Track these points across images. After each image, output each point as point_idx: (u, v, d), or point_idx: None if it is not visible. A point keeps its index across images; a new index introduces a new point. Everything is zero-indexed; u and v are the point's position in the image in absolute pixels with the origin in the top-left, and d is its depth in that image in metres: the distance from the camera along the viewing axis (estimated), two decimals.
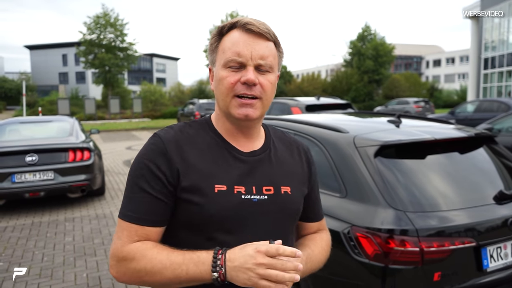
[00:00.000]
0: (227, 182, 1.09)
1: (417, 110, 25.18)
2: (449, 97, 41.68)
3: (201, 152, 1.11)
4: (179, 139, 1.12)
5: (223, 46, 1.10)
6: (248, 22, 1.08)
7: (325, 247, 1.31)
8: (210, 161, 1.10)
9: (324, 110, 8.57)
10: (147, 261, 1.01)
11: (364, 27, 40.40)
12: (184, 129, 1.15)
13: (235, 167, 1.12)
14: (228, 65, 1.08)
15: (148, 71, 68.88)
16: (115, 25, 33.04)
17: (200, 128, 1.17)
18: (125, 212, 1.08)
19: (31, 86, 48.24)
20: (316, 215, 1.35)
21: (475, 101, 14.94)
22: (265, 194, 1.13)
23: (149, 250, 1.03)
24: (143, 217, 1.06)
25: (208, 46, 1.18)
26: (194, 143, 1.12)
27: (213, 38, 1.14)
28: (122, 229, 1.07)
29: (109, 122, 27.12)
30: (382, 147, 2.40)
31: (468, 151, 2.68)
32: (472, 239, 2.11)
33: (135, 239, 1.05)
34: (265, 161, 1.17)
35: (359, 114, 3.99)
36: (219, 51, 1.11)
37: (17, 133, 7.04)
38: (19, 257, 4.46)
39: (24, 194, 5.99)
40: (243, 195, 1.10)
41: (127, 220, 1.06)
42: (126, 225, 1.06)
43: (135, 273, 1.03)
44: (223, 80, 1.08)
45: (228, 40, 1.09)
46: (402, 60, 67.34)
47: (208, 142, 1.14)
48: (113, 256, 1.06)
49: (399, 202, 2.17)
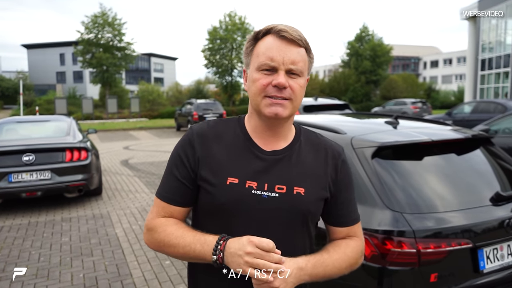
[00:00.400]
0: (240, 176, 1.19)
1: (415, 111, 25.23)
2: (447, 98, 41.78)
3: (224, 146, 1.23)
4: (208, 132, 1.25)
5: (257, 50, 1.19)
6: (282, 29, 1.15)
7: (349, 254, 1.28)
8: (229, 155, 1.22)
9: (321, 110, 8.59)
10: (166, 235, 1.20)
11: (362, 28, 40.44)
12: (216, 124, 1.29)
13: (252, 164, 1.20)
14: (261, 68, 1.16)
15: (146, 70, 68.79)
16: (113, 24, 33.00)
17: (231, 124, 1.29)
18: (159, 190, 1.27)
19: (28, 85, 48.06)
20: (344, 220, 1.32)
21: (472, 102, 14.99)
22: (276, 192, 1.19)
23: (170, 226, 1.21)
24: (169, 196, 1.24)
25: (243, 49, 1.27)
26: (219, 137, 1.25)
27: (248, 42, 1.23)
28: (154, 204, 1.28)
29: (107, 121, 27.05)
30: (380, 148, 2.41)
31: (465, 152, 2.69)
32: (468, 240, 2.12)
33: (162, 214, 1.25)
34: (284, 161, 1.23)
35: (357, 115, 3.99)
36: (253, 55, 1.20)
37: (14, 132, 7.02)
38: (15, 257, 4.44)
39: (21, 194, 5.97)
40: (253, 190, 1.17)
41: (158, 197, 1.26)
42: (157, 202, 1.26)
43: (156, 242, 1.23)
44: (256, 82, 1.17)
45: (262, 45, 1.18)
46: (400, 61, 67.48)
47: (232, 138, 1.25)
48: (145, 225, 1.28)
49: (396, 204, 2.17)
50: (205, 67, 36.42)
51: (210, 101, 20.94)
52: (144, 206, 6.55)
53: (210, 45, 35.29)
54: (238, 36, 35.26)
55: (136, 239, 4.95)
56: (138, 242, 4.84)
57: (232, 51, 35.50)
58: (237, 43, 35.30)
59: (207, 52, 35.51)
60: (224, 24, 35.39)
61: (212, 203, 1.20)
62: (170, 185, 1.25)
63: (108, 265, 4.21)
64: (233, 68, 35.91)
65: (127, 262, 4.27)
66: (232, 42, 34.91)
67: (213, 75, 37.62)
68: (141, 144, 15.93)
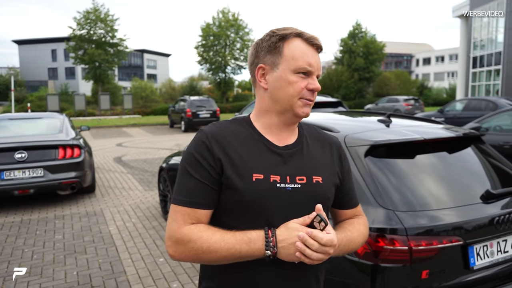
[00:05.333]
0: (263, 171, 1.22)
1: (407, 108, 25.39)
2: (439, 95, 42.09)
3: (239, 144, 1.25)
4: (220, 133, 1.25)
5: (291, 52, 1.23)
6: (312, 36, 1.26)
7: (363, 230, 1.43)
8: (247, 153, 1.24)
9: (315, 108, 8.60)
10: (203, 241, 1.15)
11: (355, 25, 40.57)
12: (225, 125, 1.30)
13: (270, 159, 1.25)
14: (298, 71, 1.23)
15: (138, 67, 68.44)
16: (105, 20, 32.76)
17: (240, 124, 1.31)
18: (178, 198, 1.22)
19: (19, 81, 47.62)
20: (351, 203, 1.47)
21: (464, 99, 15.11)
22: (298, 183, 1.25)
23: (204, 232, 1.17)
24: (194, 200, 1.20)
25: (263, 45, 1.27)
26: (233, 136, 1.26)
27: (273, 40, 1.25)
28: (176, 212, 1.21)
29: (99, 118, 26.89)
30: (372, 147, 2.44)
31: (457, 150, 2.73)
32: (459, 238, 2.15)
33: (189, 221, 1.20)
34: (298, 154, 1.30)
35: (350, 113, 4.02)
36: (285, 56, 1.24)
37: (6, 129, 6.96)
38: (8, 255, 4.43)
39: (13, 192, 5.93)
40: (278, 183, 1.22)
41: (180, 204, 1.20)
42: (180, 209, 1.20)
43: (192, 252, 1.17)
44: (294, 84, 1.23)
45: (296, 48, 1.24)
46: (393, 58, 67.79)
47: (246, 136, 1.27)
48: (170, 237, 1.20)
49: (389, 202, 2.20)
50: (199, 64, 36.34)
51: (204, 98, 20.88)
52: (138, 203, 6.55)
53: (203, 41, 35.21)
54: (232, 33, 35.22)
55: (129, 237, 4.95)
56: (132, 240, 4.84)
57: (226, 47, 35.44)
58: (230, 40, 35.25)
59: (200, 48, 35.43)
60: (217, 21, 35.31)
61: (240, 200, 1.20)
62: (192, 189, 1.21)
63: (102, 262, 4.21)
64: (227, 65, 35.86)
65: (121, 259, 4.27)
66: (225, 38, 34.84)
67: (206, 71, 37.56)
68: (134, 141, 15.86)
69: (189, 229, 1.18)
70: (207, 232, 1.17)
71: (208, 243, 1.15)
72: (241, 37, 35.63)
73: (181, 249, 1.18)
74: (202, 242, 1.15)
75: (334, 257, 1.25)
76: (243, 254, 1.15)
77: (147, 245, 4.69)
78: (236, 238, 1.15)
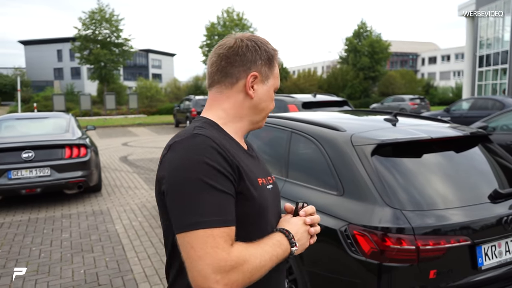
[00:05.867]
0: (259, 175, 1.22)
1: (413, 107, 25.27)
2: (445, 95, 41.83)
3: (234, 149, 1.16)
4: (220, 138, 1.12)
5: (276, 71, 1.29)
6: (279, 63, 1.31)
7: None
8: (242, 158, 1.18)
9: (320, 107, 8.59)
10: (255, 258, 1.04)
11: (360, 24, 40.39)
12: (210, 129, 1.16)
13: (253, 162, 1.25)
14: (275, 90, 1.30)
15: (143, 67, 68.62)
16: (110, 20, 32.87)
17: (214, 129, 1.18)
18: (209, 219, 0.98)
19: (25, 81, 47.94)
20: None
21: (470, 99, 15.03)
22: (271, 183, 1.28)
23: (249, 249, 1.04)
24: (229, 217, 1.02)
25: (263, 54, 1.23)
26: (227, 142, 1.15)
27: (272, 52, 1.26)
28: (212, 237, 0.97)
29: (105, 118, 27.00)
30: (379, 146, 2.43)
31: (464, 150, 2.72)
32: (467, 238, 2.15)
33: (230, 242, 1.01)
34: (255, 156, 1.31)
35: (356, 112, 4.01)
36: (275, 73, 1.28)
37: (13, 129, 7.01)
38: (16, 254, 4.46)
39: (20, 191, 5.98)
40: (267, 185, 1.24)
41: (217, 226, 0.99)
42: (218, 232, 0.98)
43: (247, 274, 1.01)
44: (273, 102, 1.30)
45: (277, 68, 1.29)
46: (398, 57, 67.49)
47: (229, 141, 1.18)
48: (219, 269, 0.96)
49: (396, 201, 2.20)
50: (203, 63, 36.38)
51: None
52: (144, 202, 6.57)
53: (208, 41, 35.26)
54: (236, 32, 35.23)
55: (136, 235, 4.97)
56: (138, 238, 4.86)
57: None
58: None
59: (205, 48, 35.47)
60: (222, 20, 35.34)
61: (253, 208, 1.12)
62: (223, 205, 1.02)
63: (108, 261, 4.23)
64: None
65: (127, 258, 4.30)
66: None
67: None
68: (140, 140, 15.92)
69: (237, 250, 1.01)
70: (249, 248, 1.04)
71: (259, 259, 1.04)
72: None
73: (235, 277, 0.98)
74: (254, 260, 1.03)
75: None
76: (279, 257, 1.12)
77: (153, 243, 4.70)
78: (269, 245, 1.10)
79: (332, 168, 2.55)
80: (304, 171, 2.92)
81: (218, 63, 1.21)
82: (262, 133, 3.69)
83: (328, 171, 2.58)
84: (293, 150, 3.05)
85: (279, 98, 9.60)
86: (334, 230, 2.31)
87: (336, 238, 2.30)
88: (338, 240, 2.28)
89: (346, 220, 2.28)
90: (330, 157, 2.59)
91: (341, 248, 2.26)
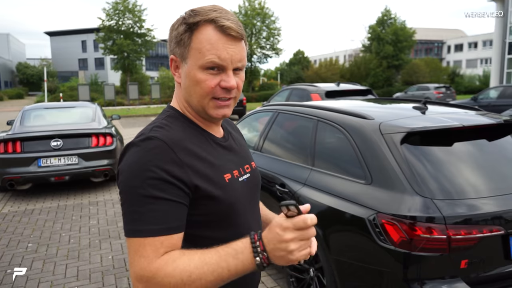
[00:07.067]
0: (228, 169, 1.13)
1: (438, 96, 24.70)
2: (471, 83, 40.70)
3: (196, 146, 1.08)
4: (176, 137, 1.05)
5: (198, 44, 1.05)
6: (226, 25, 1.04)
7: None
8: (207, 153, 1.10)
9: (344, 96, 8.49)
10: (181, 271, 0.93)
11: (384, 11, 39.56)
12: (170, 125, 1.09)
13: (223, 153, 1.16)
14: (206, 67, 1.05)
15: (165, 57, 69.03)
16: (133, 11, 33.19)
17: (179, 121, 1.12)
18: (142, 228, 0.95)
19: (51, 72, 49.05)
20: None
21: (499, 87, 14.57)
22: (247, 172, 1.21)
23: (179, 260, 0.95)
24: (169, 225, 0.97)
25: (172, 34, 1.11)
26: (187, 138, 1.08)
27: (180, 28, 1.07)
28: (143, 246, 0.95)
29: (128, 107, 27.41)
30: (409, 134, 2.39)
31: (496, 138, 2.64)
32: (500, 227, 2.10)
33: (161, 251, 0.95)
34: (233, 143, 1.24)
35: (383, 100, 3.95)
36: (192, 48, 1.06)
37: (42, 118, 7.19)
38: (47, 239, 4.61)
39: (49, 178, 6.15)
40: (240, 177, 1.16)
41: (150, 235, 0.95)
42: (149, 241, 0.95)
43: (168, 287, 0.93)
44: (202, 84, 1.06)
45: (204, 39, 1.04)
46: (423, 45, 65.87)
47: (194, 134, 1.11)
48: (139, 277, 0.94)
49: (426, 190, 2.16)
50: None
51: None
52: None
53: None
54: (258, 22, 35.01)
55: None
56: None
57: (252, 36, 35.29)
58: (257, 29, 35.09)
59: None
60: (244, 9, 35.15)
61: (218, 206, 1.06)
62: (161, 213, 0.96)
63: None
64: (253, 54, 35.76)
65: None
66: (251, 27, 34.70)
67: None
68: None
69: (161, 261, 0.94)
70: (182, 258, 0.95)
71: (188, 272, 0.93)
72: (267, 25, 35.40)
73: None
74: (180, 273, 0.93)
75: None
76: (232, 271, 0.95)
77: None
78: (220, 254, 0.95)
79: (360, 157, 2.52)
80: (330, 160, 2.89)
81: None
82: (287, 122, 3.67)
83: (355, 160, 2.55)
84: (319, 138, 3.03)
85: (302, 87, 9.54)
86: (362, 218, 2.29)
87: (364, 227, 2.28)
88: (366, 228, 2.27)
89: (374, 208, 2.26)
90: (358, 146, 2.56)
91: (369, 237, 2.25)
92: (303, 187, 2.88)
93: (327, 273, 2.59)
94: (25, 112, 7.17)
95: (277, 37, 35.92)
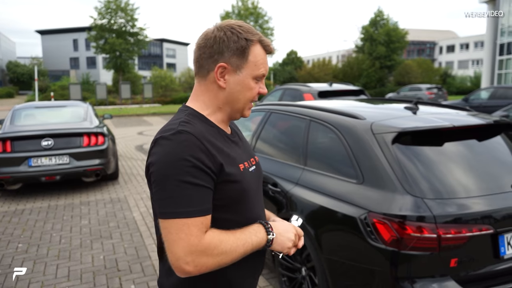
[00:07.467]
0: (241, 160, 1.31)
1: (430, 96, 24.88)
2: (463, 84, 41.05)
3: (215, 139, 1.25)
4: (201, 131, 1.21)
5: (254, 58, 1.26)
6: (269, 44, 1.30)
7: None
8: (224, 146, 1.27)
9: (337, 96, 8.52)
10: (225, 244, 1.16)
11: (377, 12, 39.77)
12: (193, 121, 1.25)
13: (235, 147, 1.34)
14: (257, 78, 1.29)
15: (158, 56, 68.85)
16: (125, 10, 32.98)
17: (197, 119, 1.28)
18: (187, 210, 1.12)
19: (42, 71, 48.57)
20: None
21: (490, 88, 14.71)
22: (253, 164, 1.39)
23: (220, 235, 1.17)
24: (205, 207, 1.15)
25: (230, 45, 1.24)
26: (208, 132, 1.24)
27: (242, 42, 1.24)
28: (187, 226, 1.11)
29: (120, 107, 27.25)
30: (400, 134, 2.40)
31: (486, 138, 2.67)
32: (489, 226, 2.12)
33: (204, 230, 1.14)
34: (239, 140, 1.41)
35: (375, 100, 3.97)
36: (250, 62, 1.26)
37: (32, 117, 7.13)
38: (37, 239, 4.57)
39: (40, 178, 6.09)
40: (249, 168, 1.34)
41: (192, 216, 1.12)
42: (192, 221, 1.12)
43: (216, 258, 1.14)
44: (252, 90, 1.29)
45: (258, 54, 1.27)
46: (415, 45, 66.31)
47: (212, 130, 1.28)
48: (191, 252, 1.11)
49: (417, 189, 2.18)
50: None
51: None
52: None
53: None
54: (251, 21, 35.02)
55: (153, 223, 5.02)
56: None
57: None
58: None
59: None
60: (237, 9, 35.14)
61: (235, 192, 1.25)
62: (201, 197, 1.14)
63: (127, 247, 4.30)
64: None
65: (145, 244, 4.36)
66: None
67: None
68: (154, 129, 16.03)
69: (209, 236, 1.15)
70: (222, 235, 1.18)
71: (229, 245, 1.17)
72: (261, 25, 35.42)
73: (204, 260, 1.13)
74: (225, 245, 1.16)
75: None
76: (254, 245, 1.23)
77: None
78: (245, 232, 1.23)
79: (352, 156, 2.53)
80: (322, 159, 2.90)
81: (195, 54, 1.31)
82: (279, 121, 3.68)
83: (347, 159, 2.56)
84: (311, 138, 3.04)
85: (295, 87, 9.54)
86: (354, 218, 2.31)
87: (355, 226, 2.29)
88: (357, 228, 2.28)
89: (365, 208, 2.27)
90: (349, 145, 2.57)
91: (360, 236, 2.26)
92: (295, 186, 2.89)
93: (319, 272, 2.60)
94: (16, 111, 7.10)
95: (270, 37, 35.94)
